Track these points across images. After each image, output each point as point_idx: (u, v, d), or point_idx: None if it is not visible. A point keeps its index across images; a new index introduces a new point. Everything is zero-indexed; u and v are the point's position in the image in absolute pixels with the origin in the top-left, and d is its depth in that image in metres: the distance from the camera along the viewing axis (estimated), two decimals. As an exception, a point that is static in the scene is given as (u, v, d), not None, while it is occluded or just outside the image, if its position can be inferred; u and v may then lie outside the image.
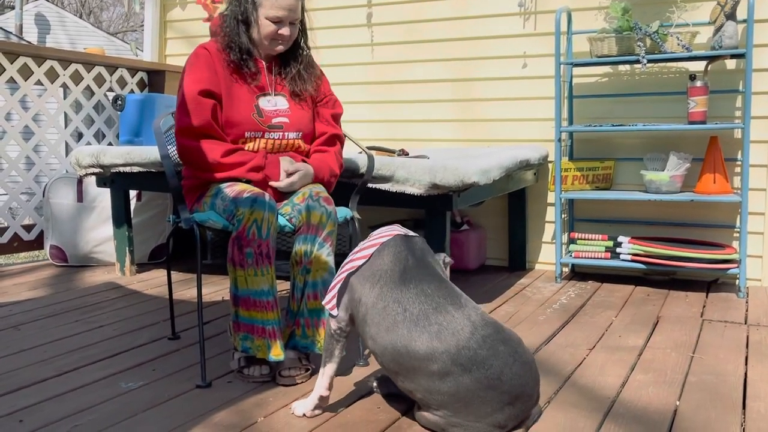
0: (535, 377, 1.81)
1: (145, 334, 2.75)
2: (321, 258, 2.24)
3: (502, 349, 1.75)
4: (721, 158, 3.34)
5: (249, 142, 2.40)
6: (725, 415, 1.96)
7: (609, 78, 3.74)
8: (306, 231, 2.26)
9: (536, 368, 1.83)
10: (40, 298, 3.32)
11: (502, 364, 1.73)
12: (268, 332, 2.17)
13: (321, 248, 2.25)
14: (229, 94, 2.39)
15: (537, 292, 3.41)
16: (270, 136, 2.42)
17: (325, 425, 1.91)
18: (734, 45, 3.22)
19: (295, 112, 2.48)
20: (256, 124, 2.40)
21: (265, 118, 2.42)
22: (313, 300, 2.24)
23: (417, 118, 4.15)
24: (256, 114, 2.41)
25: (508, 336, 1.80)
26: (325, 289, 2.23)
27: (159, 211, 4.09)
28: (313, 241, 2.25)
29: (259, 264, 2.16)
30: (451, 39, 4.05)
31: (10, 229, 4.04)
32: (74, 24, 16.69)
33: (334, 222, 2.29)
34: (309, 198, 2.29)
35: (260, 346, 2.17)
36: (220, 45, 2.43)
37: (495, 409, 1.74)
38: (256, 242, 2.15)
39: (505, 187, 3.35)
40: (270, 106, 2.44)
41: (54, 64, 4.15)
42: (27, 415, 1.98)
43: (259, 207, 2.16)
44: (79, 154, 3.61)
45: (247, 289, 2.18)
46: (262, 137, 2.41)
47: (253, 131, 2.40)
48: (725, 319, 2.91)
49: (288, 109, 2.47)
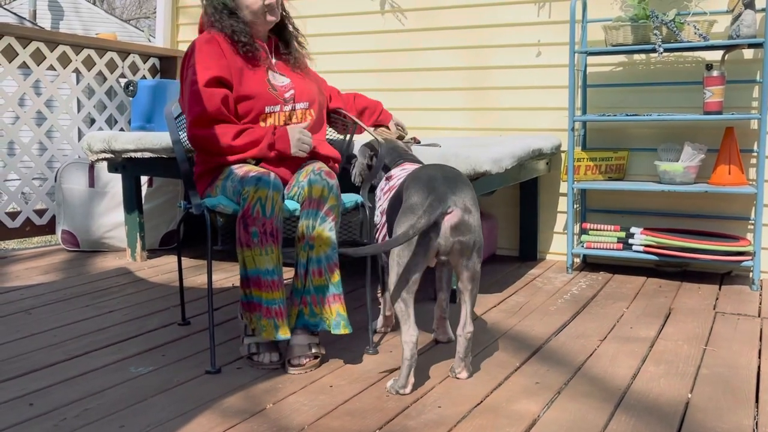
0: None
1: (155, 319, 2.76)
2: (323, 233, 2.22)
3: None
4: (736, 149, 3.31)
5: (269, 117, 2.43)
6: (738, 407, 1.94)
7: (623, 67, 3.70)
8: (308, 206, 2.24)
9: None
10: (52, 283, 3.33)
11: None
12: (275, 311, 2.17)
13: (323, 223, 2.23)
14: (241, 76, 2.41)
15: (548, 282, 3.39)
16: (287, 108, 2.46)
17: (333, 412, 1.90)
18: (752, 34, 3.17)
19: (299, 84, 2.52)
20: (273, 98, 2.43)
21: (279, 91, 2.46)
22: (318, 277, 2.23)
23: (429, 106, 4.13)
24: (270, 88, 2.44)
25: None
26: (329, 264, 2.22)
27: (170, 197, 4.10)
28: (315, 216, 2.23)
29: (264, 243, 2.16)
30: (464, 27, 4.01)
31: (22, 214, 4.06)
32: (88, 10, 16.73)
33: (336, 196, 2.27)
34: (311, 173, 2.29)
35: (266, 326, 2.17)
36: (222, 34, 2.44)
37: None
38: (261, 221, 2.15)
39: (517, 177, 3.33)
40: (278, 82, 2.48)
41: (66, 50, 4.15)
42: (37, 398, 1.99)
43: (263, 185, 2.16)
44: (91, 139, 3.61)
45: (255, 269, 2.18)
46: (281, 110, 2.44)
47: (271, 105, 2.42)
48: (738, 311, 2.88)
49: (291, 83, 2.50)
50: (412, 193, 2.04)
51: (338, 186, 2.31)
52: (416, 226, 1.95)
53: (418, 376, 2.15)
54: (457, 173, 2.12)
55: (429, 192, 2.00)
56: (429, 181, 2.04)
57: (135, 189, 3.74)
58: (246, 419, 1.86)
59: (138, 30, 17.56)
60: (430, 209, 1.97)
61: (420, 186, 2.04)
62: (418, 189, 2.04)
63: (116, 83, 4.46)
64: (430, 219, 1.96)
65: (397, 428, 1.81)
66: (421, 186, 2.04)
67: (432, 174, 2.07)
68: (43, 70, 4.04)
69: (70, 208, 3.97)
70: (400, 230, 2.00)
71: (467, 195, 2.04)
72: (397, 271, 2.02)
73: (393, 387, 2.03)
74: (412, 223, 1.98)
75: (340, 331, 2.21)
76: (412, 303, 2.03)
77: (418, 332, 2.04)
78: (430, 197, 1.99)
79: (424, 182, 2.04)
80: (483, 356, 2.35)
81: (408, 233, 1.95)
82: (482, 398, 2.00)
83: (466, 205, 2.02)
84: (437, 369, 2.23)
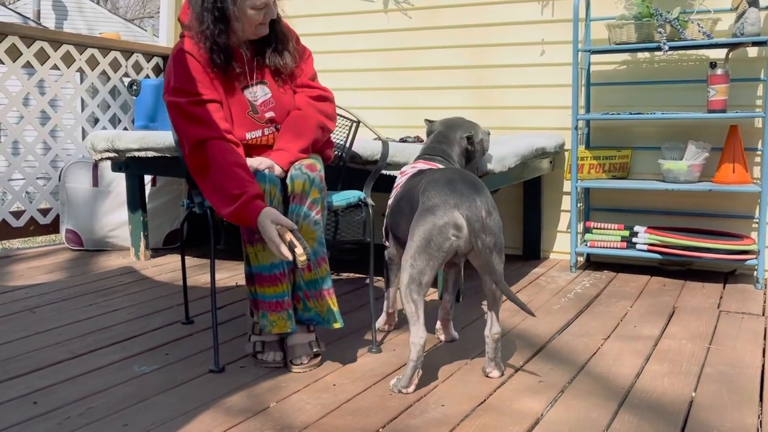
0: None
1: (159, 318, 2.76)
2: (308, 228, 2.19)
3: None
4: (740, 148, 3.30)
5: (252, 147, 2.28)
6: (742, 406, 1.93)
7: (627, 65, 3.69)
8: (293, 201, 2.21)
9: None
10: (56, 282, 3.34)
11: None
12: (286, 303, 2.16)
13: (307, 218, 2.19)
14: (222, 98, 2.26)
15: (551, 281, 3.39)
16: (269, 132, 2.32)
17: (336, 411, 1.91)
18: (756, 32, 3.16)
19: (279, 100, 2.34)
20: (253, 123, 2.29)
21: (260, 114, 2.31)
22: (307, 271, 2.21)
23: (433, 105, 4.12)
24: (251, 111, 2.30)
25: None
26: (316, 259, 2.20)
27: (174, 197, 4.10)
28: (299, 211, 2.19)
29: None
30: (467, 25, 4.01)
31: (26, 213, 4.06)
32: (92, 10, 16.75)
33: (319, 189, 2.20)
34: (293, 168, 2.24)
35: (275, 321, 2.17)
36: (199, 46, 2.22)
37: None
38: None
39: (521, 176, 3.32)
40: (256, 98, 2.31)
41: (70, 49, 4.15)
42: (41, 396, 1.99)
43: (260, 180, 2.14)
44: (95, 138, 3.61)
45: (259, 265, 2.17)
46: (263, 135, 2.31)
47: (252, 130, 2.29)
48: (742, 310, 2.88)
49: (271, 98, 2.32)
50: (432, 195, 2.05)
51: (322, 178, 2.22)
52: (438, 227, 1.98)
53: (420, 376, 2.15)
54: (475, 177, 2.14)
55: (449, 194, 2.02)
56: (449, 184, 2.05)
57: (138, 188, 3.75)
58: (249, 418, 1.86)
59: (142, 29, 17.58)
60: (451, 211, 1.99)
61: (440, 188, 2.05)
62: (438, 191, 2.04)
63: (120, 82, 4.47)
64: (451, 220, 1.98)
65: (400, 427, 1.81)
66: (441, 188, 2.05)
67: (451, 176, 2.09)
68: (47, 70, 4.04)
69: (73, 208, 3.97)
70: (420, 232, 2.01)
71: (487, 197, 2.06)
72: (411, 272, 2.01)
73: (396, 386, 2.03)
74: (433, 224, 2.00)
75: (332, 326, 2.21)
76: (423, 304, 2.04)
77: (426, 335, 2.04)
78: (451, 199, 2.01)
79: (444, 184, 2.05)
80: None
81: (432, 237, 1.98)
82: (485, 397, 2.00)
83: (487, 206, 2.03)
84: (441, 368, 2.23)
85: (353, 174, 2.85)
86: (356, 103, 4.05)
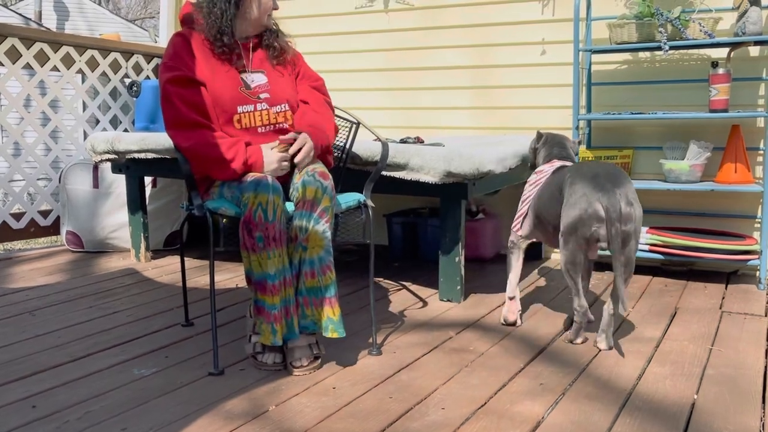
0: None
1: (159, 320, 2.76)
2: (317, 235, 2.20)
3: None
4: (742, 147, 3.28)
5: (243, 118, 2.38)
6: (744, 408, 1.92)
7: (628, 65, 3.68)
8: (302, 207, 2.22)
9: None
10: (56, 284, 3.33)
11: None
12: (273, 316, 2.16)
13: (317, 224, 2.20)
14: (214, 76, 2.38)
15: (553, 281, 3.38)
16: (261, 107, 2.41)
17: (336, 414, 1.90)
18: (758, 31, 3.15)
19: (276, 84, 2.46)
20: (245, 97, 2.39)
21: (253, 90, 2.41)
22: (310, 278, 2.21)
23: (434, 105, 4.11)
24: (243, 87, 2.41)
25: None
26: (321, 267, 2.21)
27: (174, 198, 4.10)
28: (309, 218, 2.20)
29: (268, 247, 2.15)
30: (468, 25, 4.00)
31: (27, 215, 4.06)
32: (93, 11, 16.75)
33: (330, 197, 2.24)
34: (305, 174, 2.27)
35: (264, 331, 2.17)
36: (201, 33, 2.41)
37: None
38: (263, 225, 2.14)
39: (522, 176, 3.31)
40: (252, 81, 2.44)
41: (70, 50, 4.15)
42: (40, 400, 1.99)
43: (263, 190, 2.15)
44: (95, 140, 3.61)
45: (262, 273, 2.17)
46: (255, 110, 2.40)
47: (244, 104, 2.38)
48: (745, 311, 2.86)
49: (267, 83, 2.45)
50: (579, 187, 2.33)
51: (333, 187, 2.28)
52: (582, 219, 2.28)
53: (420, 378, 2.15)
54: (618, 169, 2.39)
55: (594, 186, 2.30)
56: (594, 177, 2.33)
57: (139, 189, 3.74)
58: (249, 421, 1.85)
59: (143, 30, 17.58)
60: (593, 204, 2.27)
61: (586, 181, 2.33)
62: (584, 183, 2.32)
63: (120, 84, 4.46)
64: (594, 212, 2.27)
65: (400, 430, 1.80)
66: (587, 181, 2.33)
67: (595, 170, 2.37)
68: (47, 71, 4.04)
69: (74, 209, 3.97)
70: (568, 223, 2.33)
71: (629, 189, 2.33)
72: (566, 255, 2.38)
73: (566, 337, 2.47)
74: (578, 216, 2.29)
75: (329, 335, 2.20)
76: (579, 279, 2.39)
77: (586, 303, 2.41)
78: (597, 191, 2.28)
79: (590, 178, 2.33)
80: (487, 357, 2.34)
81: (578, 227, 2.30)
82: (486, 400, 1.99)
83: (628, 198, 2.30)
84: (441, 371, 2.22)
85: (353, 175, 2.84)
86: (357, 104, 4.05)
